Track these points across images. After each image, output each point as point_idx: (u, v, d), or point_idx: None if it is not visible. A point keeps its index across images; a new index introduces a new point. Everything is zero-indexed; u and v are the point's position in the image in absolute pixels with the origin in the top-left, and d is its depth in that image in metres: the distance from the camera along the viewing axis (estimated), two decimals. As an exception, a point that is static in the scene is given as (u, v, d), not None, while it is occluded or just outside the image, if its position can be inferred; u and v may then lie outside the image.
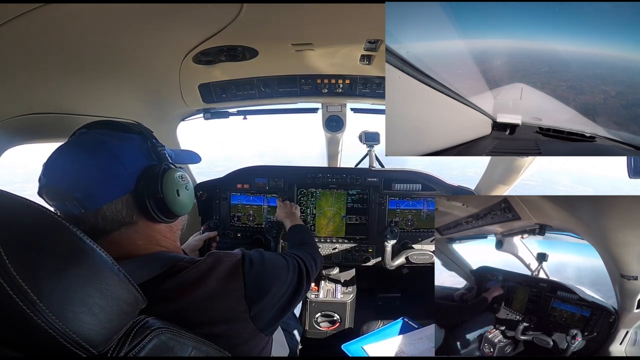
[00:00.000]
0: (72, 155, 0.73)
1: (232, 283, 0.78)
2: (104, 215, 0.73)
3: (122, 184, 0.74)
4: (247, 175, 2.04)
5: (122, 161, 0.74)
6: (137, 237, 0.79)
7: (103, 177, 0.72)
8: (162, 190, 0.77)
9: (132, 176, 0.75)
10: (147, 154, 0.80)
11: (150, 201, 0.76)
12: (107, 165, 0.73)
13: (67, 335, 0.45)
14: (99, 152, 0.73)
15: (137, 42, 1.01)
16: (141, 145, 0.80)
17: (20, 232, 0.46)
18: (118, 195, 0.74)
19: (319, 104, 2.01)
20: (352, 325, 1.98)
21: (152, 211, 0.77)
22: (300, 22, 1.02)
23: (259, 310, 0.81)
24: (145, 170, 0.77)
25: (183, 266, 0.76)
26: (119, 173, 0.74)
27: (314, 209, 2.06)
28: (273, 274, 0.89)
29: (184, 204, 0.84)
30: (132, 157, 0.77)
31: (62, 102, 1.09)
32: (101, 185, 0.72)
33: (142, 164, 0.78)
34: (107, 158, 0.73)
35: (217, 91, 1.59)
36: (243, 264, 0.82)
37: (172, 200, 0.79)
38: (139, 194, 0.75)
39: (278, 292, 0.88)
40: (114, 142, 0.75)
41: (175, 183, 0.81)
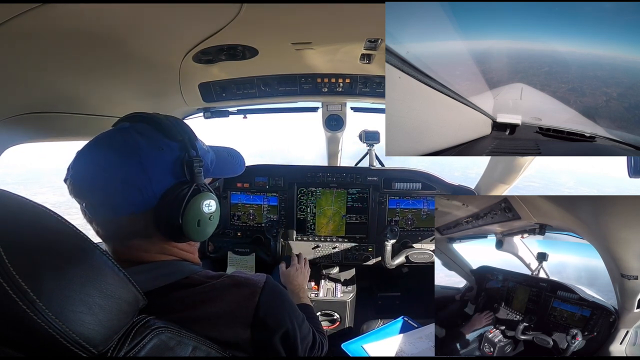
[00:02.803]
0: (102, 158, 0.70)
1: (243, 309, 0.72)
2: (119, 224, 0.71)
3: (145, 200, 0.70)
4: (247, 174, 2.04)
5: (149, 175, 0.70)
6: (153, 249, 0.76)
7: (127, 189, 0.68)
8: (182, 218, 0.71)
9: (156, 193, 0.71)
10: (180, 170, 0.73)
11: (167, 225, 0.72)
12: (134, 177, 0.69)
13: (67, 334, 0.45)
14: (130, 161, 0.69)
15: (137, 41, 1.01)
16: (177, 157, 0.74)
17: (20, 231, 0.46)
18: (138, 210, 0.70)
19: (319, 103, 2.01)
20: (352, 325, 1.98)
21: (171, 232, 0.73)
22: (300, 21, 1.02)
23: (262, 341, 0.74)
24: (172, 189, 0.72)
25: (196, 280, 0.74)
26: (144, 188, 0.69)
27: (314, 208, 2.06)
28: (290, 311, 0.82)
29: (204, 233, 0.78)
30: (162, 172, 0.72)
31: (62, 101, 1.09)
32: (122, 197, 0.69)
33: (170, 181, 0.72)
34: (135, 171, 0.69)
35: (217, 90, 1.58)
36: (262, 292, 0.75)
37: (191, 230, 0.74)
38: (159, 214, 0.71)
39: (288, 331, 0.79)
40: (148, 152, 0.70)
41: (199, 213, 0.74)
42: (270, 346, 0.75)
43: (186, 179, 0.74)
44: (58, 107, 1.09)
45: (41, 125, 1.09)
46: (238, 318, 0.71)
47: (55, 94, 1.05)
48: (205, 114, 1.82)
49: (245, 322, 0.72)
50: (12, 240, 0.44)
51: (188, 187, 0.73)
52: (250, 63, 1.33)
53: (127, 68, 1.16)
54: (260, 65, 1.38)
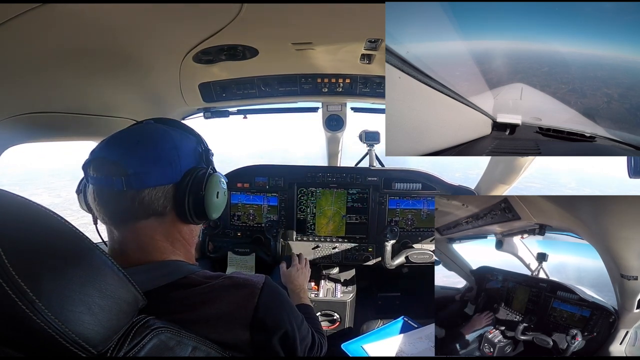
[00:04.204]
0: (139, 137, 0.77)
1: (242, 310, 0.73)
2: (142, 199, 0.73)
3: (172, 173, 0.77)
4: (247, 174, 2.04)
5: (179, 152, 0.78)
6: (159, 232, 0.78)
7: (160, 161, 0.75)
8: (205, 188, 0.80)
9: (182, 169, 0.78)
10: (199, 156, 0.84)
11: (190, 197, 0.78)
12: (168, 152, 0.76)
13: (67, 334, 0.45)
14: (163, 139, 0.78)
15: (137, 41, 1.01)
16: (196, 146, 0.84)
17: (20, 231, 0.46)
18: (164, 182, 0.76)
19: (319, 103, 2.01)
20: (351, 325, 1.98)
21: (187, 207, 0.78)
22: (301, 21, 1.02)
23: (261, 342, 0.74)
24: (194, 168, 0.81)
25: (195, 280, 0.74)
26: (174, 162, 0.77)
27: (314, 208, 2.06)
28: (289, 312, 0.83)
29: (219, 207, 0.87)
30: (188, 152, 0.81)
31: (62, 101, 1.09)
32: (154, 168, 0.74)
33: (193, 161, 0.82)
34: (169, 146, 0.77)
35: (217, 90, 1.59)
36: (261, 294, 0.76)
37: (210, 201, 0.82)
38: (182, 188, 0.78)
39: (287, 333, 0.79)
40: (176, 135, 0.80)
41: (218, 185, 0.85)
42: (269, 347, 0.75)
43: (204, 164, 0.85)
44: (58, 107, 1.09)
45: (41, 126, 1.09)
46: (237, 319, 0.72)
47: (55, 94, 1.05)
48: (206, 114, 1.82)
49: (244, 323, 0.72)
50: (11, 240, 0.44)
51: (206, 169, 0.83)
52: (251, 63, 1.33)
53: (127, 68, 1.16)
54: (260, 65, 1.38)
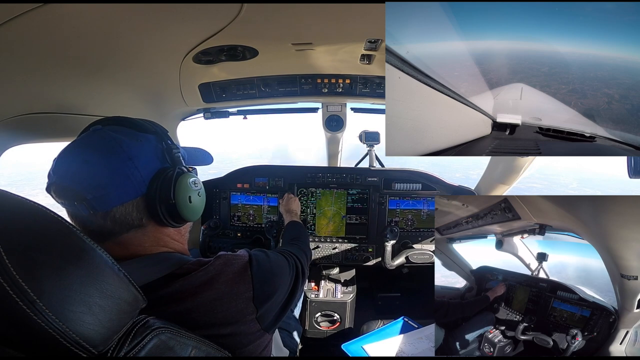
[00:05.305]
0: (85, 155, 0.71)
1: (240, 285, 0.78)
2: (113, 217, 0.71)
3: (134, 186, 0.72)
4: (247, 174, 2.04)
5: (135, 163, 0.72)
6: (145, 240, 0.78)
7: (115, 178, 0.70)
8: (174, 195, 0.76)
9: (144, 179, 0.74)
10: (162, 155, 0.79)
11: (162, 206, 0.75)
12: (121, 166, 0.71)
13: (67, 334, 0.45)
14: (113, 152, 0.71)
15: (137, 41, 1.01)
16: (156, 146, 0.78)
17: (20, 231, 0.46)
18: (129, 197, 0.72)
19: (319, 104, 2.01)
20: (352, 325, 1.98)
21: (162, 216, 0.76)
22: (300, 21, 1.02)
23: (265, 310, 0.81)
24: (158, 173, 0.76)
25: (191, 268, 0.76)
26: (132, 175, 0.72)
27: (314, 209, 2.06)
28: (278, 274, 0.90)
29: (196, 210, 0.83)
30: (146, 158, 0.75)
31: (62, 102, 1.09)
32: (113, 187, 0.70)
33: (155, 166, 0.76)
34: (121, 159, 0.71)
35: (217, 91, 1.59)
36: (251, 266, 0.81)
37: (183, 206, 0.78)
38: (151, 198, 0.74)
39: (282, 292, 0.90)
40: (129, 142, 0.73)
41: (188, 189, 0.79)
42: (272, 308, 0.85)
43: (168, 164, 0.79)
44: (58, 108, 1.09)
45: (42, 126, 1.09)
46: (238, 294, 0.77)
47: (55, 95, 1.05)
48: (205, 115, 1.82)
49: (247, 296, 0.78)
50: (12, 240, 0.44)
51: (172, 170, 0.78)
52: (251, 63, 1.33)
53: (128, 68, 1.16)
54: (260, 65, 1.38)
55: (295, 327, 1.62)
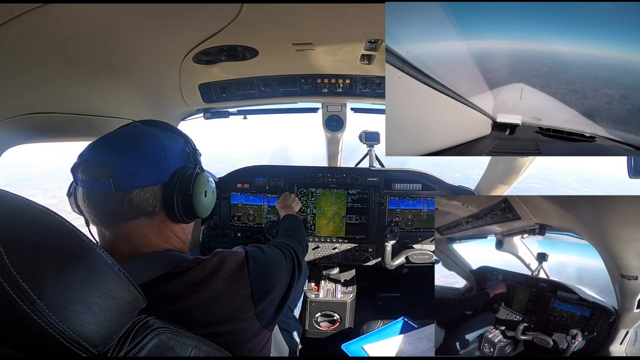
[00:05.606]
0: (124, 140, 0.77)
1: (238, 282, 0.79)
2: (130, 199, 0.74)
3: (160, 174, 0.77)
4: (247, 174, 2.05)
5: (167, 153, 0.79)
6: (150, 231, 0.79)
7: (147, 161, 0.76)
8: (192, 188, 0.81)
9: (169, 170, 0.79)
10: (187, 156, 0.85)
11: (178, 197, 0.79)
12: (155, 152, 0.77)
13: (67, 334, 0.45)
14: (151, 139, 0.78)
15: (137, 41, 1.01)
16: (184, 147, 0.85)
17: (21, 231, 0.46)
18: (152, 183, 0.76)
19: (319, 104, 2.01)
20: (352, 325, 1.98)
21: (176, 207, 0.79)
22: (300, 21, 1.02)
23: (263, 307, 0.82)
24: (181, 168, 0.81)
25: (189, 266, 0.76)
26: (161, 162, 0.77)
27: (314, 209, 2.06)
28: (275, 269, 0.91)
29: (207, 206, 0.88)
30: (175, 152, 0.82)
31: (62, 102, 1.09)
32: (141, 168, 0.75)
33: (181, 162, 0.83)
34: (156, 147, 0.78)
35: (217, 91, 1.59)
36: (247, 263, 0.82)
37: (198, 200, 0.83)
38: (170, 188, 0.78)
39: (280, 287, 0.91)
40: (164, 136, 0.81)
41: (206, 185, 0.86)
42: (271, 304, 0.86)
43: (192, 164, 0.86)
44: (58, 108, 1.09)
45: (42, 126, 1.09)
46: (236, 291, 0.78)
47: (55, 95, 1.05)
48: (206, 115, 1.82)
49: (245, 293, 0.79)
50: (12, 240, 0.44)
51: (193, 168, 0.84)
52: (251, 63, 1.33)
53: (128, 69, 1.16)
54: (260, 65, 1.38)
55: (295, 327, 1.62)
